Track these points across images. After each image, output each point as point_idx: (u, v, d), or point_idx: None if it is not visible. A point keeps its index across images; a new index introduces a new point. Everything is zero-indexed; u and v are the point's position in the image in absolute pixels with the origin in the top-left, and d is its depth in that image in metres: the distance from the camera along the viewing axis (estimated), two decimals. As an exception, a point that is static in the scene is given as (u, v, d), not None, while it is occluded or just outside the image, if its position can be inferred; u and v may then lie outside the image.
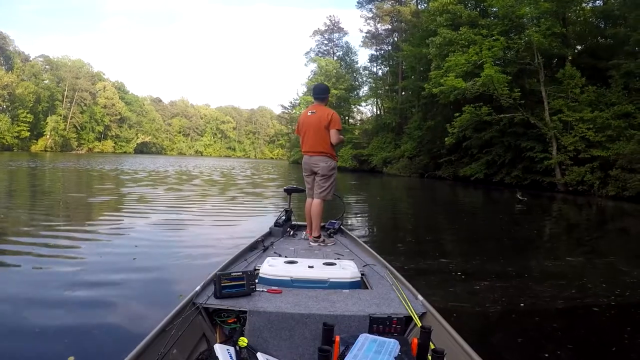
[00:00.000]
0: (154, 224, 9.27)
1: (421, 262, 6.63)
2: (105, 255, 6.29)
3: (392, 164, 43.05)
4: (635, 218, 16.16)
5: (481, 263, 6.80)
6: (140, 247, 6.82)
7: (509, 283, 5.66)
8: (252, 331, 2.70)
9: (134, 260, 5.98)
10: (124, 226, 8.76)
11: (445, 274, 6.01)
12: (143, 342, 2.21)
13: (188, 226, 9.19)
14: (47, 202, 12.66)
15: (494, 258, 7.29)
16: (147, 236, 7.78)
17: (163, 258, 6.24)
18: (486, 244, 9.04)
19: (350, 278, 3.36)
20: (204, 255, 6.41)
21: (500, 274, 6.10)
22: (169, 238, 7.84)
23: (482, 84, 25.29)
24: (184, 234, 8.31)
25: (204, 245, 7.18)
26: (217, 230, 9.15)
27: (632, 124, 22.62)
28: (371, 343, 2.25)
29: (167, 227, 8.98)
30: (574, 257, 7.95)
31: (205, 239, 7.85)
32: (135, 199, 13.53)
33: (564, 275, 6.24)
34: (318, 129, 5.36)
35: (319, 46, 72.76)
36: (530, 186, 25.65)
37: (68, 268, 5.57)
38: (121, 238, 7.61)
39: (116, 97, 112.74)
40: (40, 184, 18.69)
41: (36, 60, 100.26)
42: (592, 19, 29.33)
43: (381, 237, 10.06)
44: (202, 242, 7.50)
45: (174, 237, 8.01)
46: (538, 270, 6.60)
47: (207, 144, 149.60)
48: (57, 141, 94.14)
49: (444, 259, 7.21)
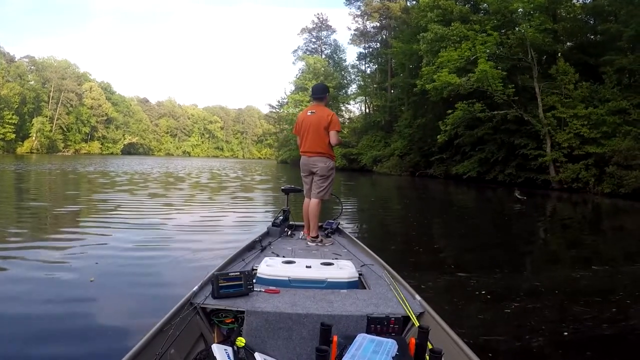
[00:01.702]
0: (151, 224, 9.22)
1: (429, 270, 6.11)
2: (105, 255, 6.27)
3: (382, 162, 42.57)
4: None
5: (502, 277, 6.12)
6: (140, 246, 6.90)
7: (537, 300, 5.06)
8: (249, 331, 2.70)
9: (134, 260, 6.05)
10: (117, 228, 8.54)
11: (456, 285, 5.49)
12: (141, 342, 2.20)
13: (187, 227, 9.13)
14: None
15: (504, 265, 6.79)
16: (147, 236, 7.81)
17: (162, 258, 6.27)
18: (493, 249, 8.47)
19: (348, 278, 3.36)
20: (202, 256, 6.39)
21: (527, 290, 5.44)
22: (168, 238, 7.78)
23: (477, 79, 24.81)
24: (183, 235, 8.20)
25: (203, 248, 7.04)
26: (217, 230, 9.08)
27: (627, 120, 22.41)
28: (369, 343, 2.26)
29: (166, 227, 8.95)
30: (600, 266, 7.10)
31: (203, 242, 7.63)
32: (119, 204, 12.79)
33: (593, 287, 5.67)
34: (317, 130, 5.33)
35: (307, 44, 72.61)
36: (524, 184, 25.25)
37: (67, 267, 5.54)
38: (120, 239, 7.47)
39: (103, 98, 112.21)
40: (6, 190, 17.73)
41: (21, 61, 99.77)
42: (582, 15, 29.17)
43: (379, 237, 9.64)
44: (201, 244, 7.39)
45: (173, 237, 7.94)
46: (564, 282, 5.95)
47: (195, 144, 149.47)
48: (43, 143, 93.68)
49: (447, 264, 6.67)
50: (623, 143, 21.10)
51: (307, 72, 62.40)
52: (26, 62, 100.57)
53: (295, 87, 65.00)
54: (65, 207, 12.09)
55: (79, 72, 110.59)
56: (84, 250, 6.49)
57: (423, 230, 10.72)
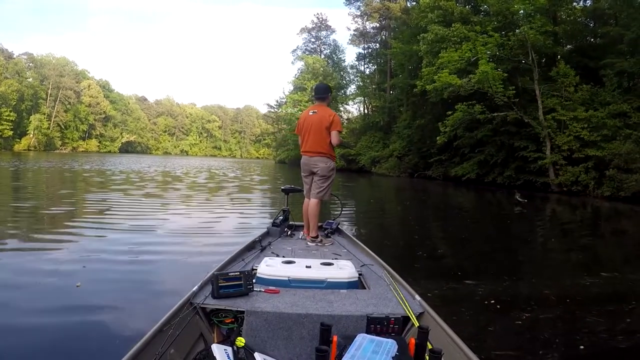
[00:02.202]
0: (148, 224, 9.16)
1: (432, 276, 5.98)
2: (104, 255, 6.27)
3: (380, 163, 42.37)
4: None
5: (509, 284, 5.90)
6: (139, 247, 6.85)
7: (549, 308, 4.94)
8: (249, 331, 2.70)
9: (133, 260, 6.02)
10: (112, 229, 8.40)
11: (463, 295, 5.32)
12: (140, 342, 2.20)
13: (187, 228, 9.09)
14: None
15: (509, 271, 6.64)
16: (146, 236, 7.83)
17: (161, 258, 6.28)
18: (497, 253, 8.33)
19: (347, 278, 3.36)
20: (202, 256, 6.37)
21: (537, 299, 5.27)
22: (167, 238, 7.81)
23: (478, 80, 24.61)
24: (182, 237, 8.12)
25: (203, 248, 7.05)
26: (217, 231, 9.01)
27: (627, 123, 22.27)
28: (369, 343, 2.27)
29: (164, 227, 8.89)
30: (609, 272, 6.78)
31: (202, 242, 7.62)
32: (114, 204, 12.63)
33: (604, 296, 5.53)
34: (319, 130, 5.33)
35: (306, 44, 72.33)
36: (523, 186, 25.01)
37: (55, 272, 5.41)
38: (118, 240, 7.40)
39: (101, 96, 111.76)
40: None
41: (20, 57, 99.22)
42: (582, 18, 29.10)
43: (379, 237, 9.48)
44: (200, 244, 7.42)
45: (172, 237, 7.95)
46: (573, 289, 5.73)
47: (193, 143, 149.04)
48: (40, 140, 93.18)
49: (452, 270, 6.47)
50: (623, 146, 20.95)
51: (306, 72, 62.17)
52: (24, 59, 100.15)
53: (294, 87, 64.80)
54: (58, 207, 11.86)
55: (77, 69, 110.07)
56: (72, 253, 6.37)
57: (424, 233, 10.54)
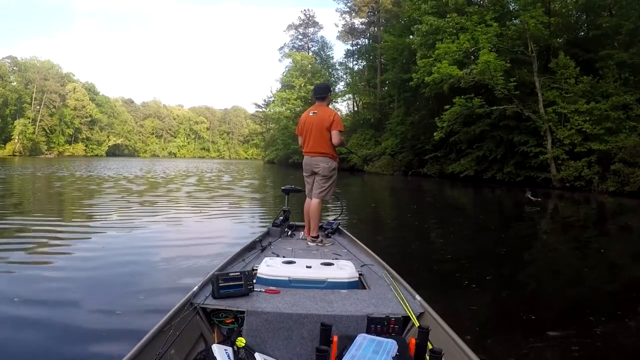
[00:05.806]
0: (147, 226, 9.12)
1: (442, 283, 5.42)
2: (104, 255, 6.37)
3: (372, 161, 41.23)
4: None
5: (513, 284, 5.39)
6: (139, 248, 6.95)
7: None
8: (250, 331, 2.68)
9: (133, 260, 6.06)
10: (118, 228, 8.65)
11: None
12: (141, 342, 2.18)
13: (187, 229, 9.19)
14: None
15: (510, 269, 6.17)
16: (146, 237, 7.87)
17: (161, 258, 6.27)
18: (498, 252, 7.64)
19: (348, 278, 3.35)
20: (202, 256, 6.34)
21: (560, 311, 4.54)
22: (166, 238, 7.88)
23: (480, 71, 23.67)
24: (182, 237, 8.10)
25: (203, 249, 7.02)
26: (216, 230, 9.15)
27: (630, 115, 21.70)
28: (369, 343, 2.24)
29: (165, 227, 9.08)
30: (624, 277, 6.40)
31: (202, 243, 7.59)
32: (107, 210, 11.69)
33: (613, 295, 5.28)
34: (319, 130, 5.32)
35: (293, 41, 71.87)
36: (524, 182, 24.32)
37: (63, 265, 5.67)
38: (119, 241, 7.50)
39: (86, 99, 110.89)
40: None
41: (3, 61, 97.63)
42: (573, 11, 28.84)
43: (378, 238, 8.84)
44: (200, 244, 7.38)
45: (172, 237, 7.99)
46: (577, 288, 5.46)
47: (181, 145, 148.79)
48: (26, 145, 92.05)
49: (450, 269, 6.14)
50: (629, 139, 20.29)
51: (293, 69, 61.57)
52: (8, 62, 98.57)
53: (281, 85, 64.22)
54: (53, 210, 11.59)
55: (62, 72, 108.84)
56: (71, 254, 6.41)
57: (423, 233, 9.99)
